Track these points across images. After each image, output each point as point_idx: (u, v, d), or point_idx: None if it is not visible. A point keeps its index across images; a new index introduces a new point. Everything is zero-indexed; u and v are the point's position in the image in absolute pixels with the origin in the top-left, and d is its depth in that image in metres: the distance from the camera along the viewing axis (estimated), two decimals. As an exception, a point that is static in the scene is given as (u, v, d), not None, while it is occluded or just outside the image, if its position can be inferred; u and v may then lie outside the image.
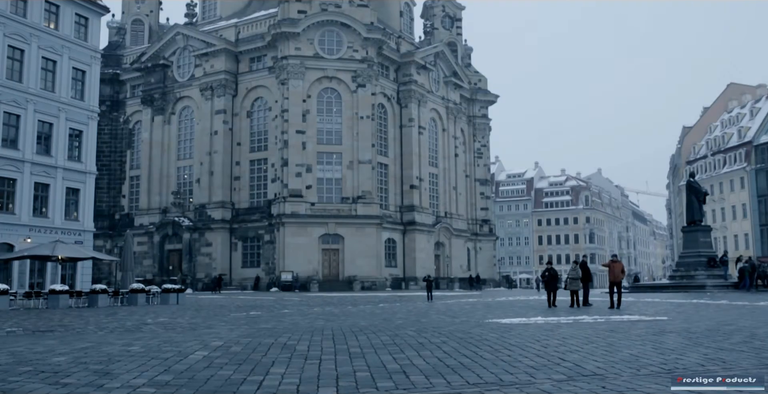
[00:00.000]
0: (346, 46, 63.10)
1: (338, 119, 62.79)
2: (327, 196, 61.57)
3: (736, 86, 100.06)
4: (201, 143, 67.10)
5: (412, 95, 68.92)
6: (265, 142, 65.87)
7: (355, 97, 62.65)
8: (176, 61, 70.32)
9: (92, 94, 44.29)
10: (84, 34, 43.96)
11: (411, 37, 77.21)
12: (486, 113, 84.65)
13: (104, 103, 68.17)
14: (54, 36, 41.51)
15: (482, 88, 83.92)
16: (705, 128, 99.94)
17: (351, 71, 62.81)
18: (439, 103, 74.43)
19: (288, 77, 61.28)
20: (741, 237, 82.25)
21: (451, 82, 76.29)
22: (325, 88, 62.95)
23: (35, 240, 37.54)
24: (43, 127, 40.74)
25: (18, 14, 39.65)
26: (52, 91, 41.26)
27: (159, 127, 70.51)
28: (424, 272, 62.23)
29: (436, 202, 73.31)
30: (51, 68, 41.45)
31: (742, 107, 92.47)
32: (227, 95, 66.49)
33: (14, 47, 39.27)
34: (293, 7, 62.62)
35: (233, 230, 65.12)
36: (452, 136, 76.81)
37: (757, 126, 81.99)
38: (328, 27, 62.89)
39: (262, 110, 66.67)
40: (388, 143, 68.04)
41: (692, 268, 41.53)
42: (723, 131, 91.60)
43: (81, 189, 43.07)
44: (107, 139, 72.65)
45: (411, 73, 69.30)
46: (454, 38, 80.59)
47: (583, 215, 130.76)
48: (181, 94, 69.77)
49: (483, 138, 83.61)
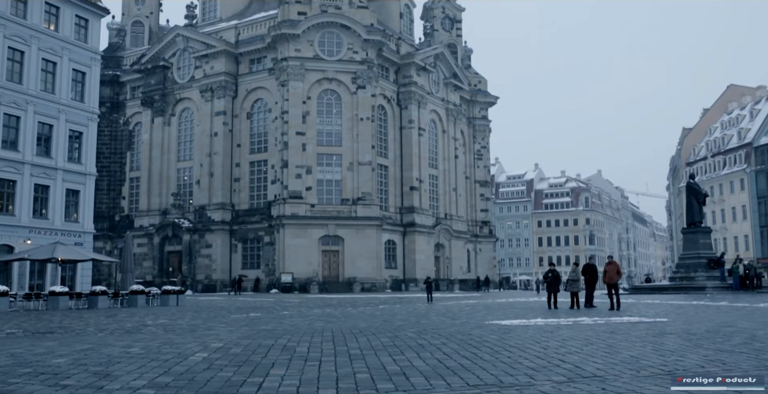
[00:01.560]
0: (346, 47, 63.12)
1: (338, 121, 62.81)
2: (327, 197, 61.58)
3: (735, 88, 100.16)
4: (201, 145, 67.12)
5: (412, 97, 68.94)
6: (265, 143, 65.88)
7: (355, 99, 62.67)
8: (176, 62, 70.35)
9: (92, 95, 44.32)
10: (84, 36, 43.99)
11: (411, 39, 77.24)
12: (486, 115, 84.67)
13: (104, 104, 68.20)
14: (54, 37, 41.53)
15: (482, 89, 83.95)
16: (705, 130, 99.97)
17: (351, 73, 62.84)
18: (439, 105, 74.45)
19: (288, 79, 61.30)
20: (741, 239, 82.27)
21: (451, 84, 76.32)
22: (325, 90, 62.98)
23: (35, 241, 37.55)
24: (43, 128, 40.77)
25: (18, 16, 39.67)
26: (52, 93, 41.29)
27: (159, 129, 70.53)
28: (424, 273, 62.20)
29: (436, 203, 73.31)
30: (51, 70, 41.47)
31: (741, 109, 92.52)
32: (227, 97, 66.51)
33: (14, 49, 39.29)
34: (293, 8, 62.66)
35: (233, 232, 65.12)
36: (452, 137, 76.83)
37: (757, 127, 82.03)
38: (328, 28, 62.91)
39: (262, 112, 66.69)
40: (388, 145, 68.06)
41: (692, 269, 41.52)
42: (723, 133, 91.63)
43: (81, 191, 43.09)
44: (107, 140, 72.67)
45: (411, 75, 69.33)
46: (453, 40, 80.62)
47: (583, 217, 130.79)
48: (181, 96, 69.80)
49: (483, 139, 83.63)
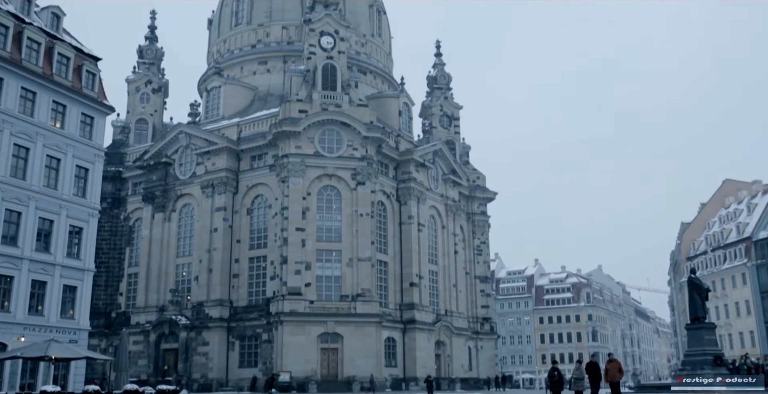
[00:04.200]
0: (346, 144, 64.15)
1: (338, 216, 63.05)
2: (326, 293, 60.99)
3: (731, 182, 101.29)
4: (200, 240, 67.07)
5: (411, 193, 69.51)
6: (264, 239, 65.87)
7: (355, 195, 63.14)
8: (178, 158, 71.26)
9: (94, 191, 44.65)
10: (89, 133, 44.77)
11: (410, 136, 78.62)
12: (485, 210, 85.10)
13: (105, 200, 68.58)
14: (59, 135, 42.24)
15: (481, 185, 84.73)
16: (703, 224, 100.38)
17: (351, 169, 63.60)
18: (439, 201, 74.96)
19: (288, 175, 61.97)
20: (746, 334, 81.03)
21: (449, 180, 77.11)
22: (325, 186, 63.54)
23: (29, 339, 36.87)
24: (44, 224, 40.81)
25: (26, 114, 40.48)
26: (55, 189, 41.60)
27: (159, 225, 70.65)
28: (424, 371, 60.81)
29: (436, 300, 72.57)
30: (55, 166, 41.94)
31: (739, 203, 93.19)
32: (228, 193, 67.02)
33: (20, 145, 39.86)
34: (294, 106, 64.07)
35: (231, 329, 64.09)
36: (452, 233, 76.92)
37: (755, 221, 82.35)
38: (329, 126, 64.12)
39: (262, 208, 67.03)
40: (387, 240, 68.04)
41: (698, 367, 40.52)
42: (722, 227, 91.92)
43: (78, 287, 42.69)
44: (107, 236, 72.63)
45: (410, 171, 70.14)
46: (452, 137, 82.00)
47: (585, 313, 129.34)
48: (182, 192, 70.32)
49: (482, 235, 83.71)
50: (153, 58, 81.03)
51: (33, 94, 41.10)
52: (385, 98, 78.83)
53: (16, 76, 40.05)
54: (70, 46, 44.84)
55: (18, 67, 40.07)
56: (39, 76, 41.37)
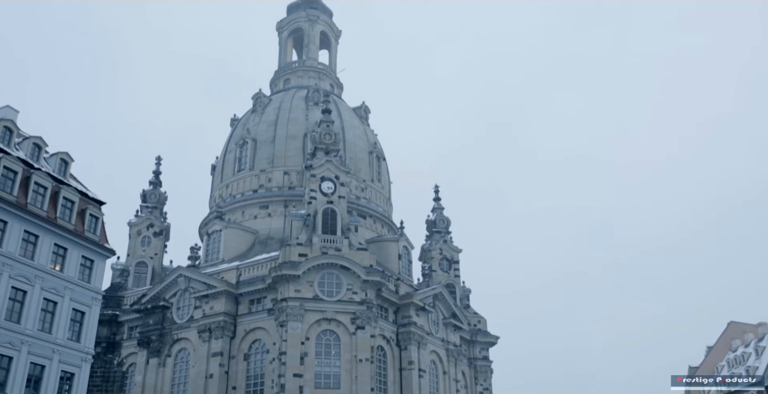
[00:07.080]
0: (346, 287, 63.81)
1: (337, 362, 61.55)
2: (324, 444, 58.45)
3: (737, 325, 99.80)
4: (195, 387, 64.95)
5: (411, 337, 68.26)
6: (261, 385, 63.86)
7: (354, 340, 62.01)
8: (176, 302, 70.56)
9: (89, 335, 43.96)
10: (88, 276, 44.71)
11: (410, 279, 78.32)
12: (487, 355, 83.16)
13: (100, 344, 67.08)
14: (58, 278, 42.19)
15: (482, 329, 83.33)
16: (712, 368, 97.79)
17: (350, 313, 62.86)
18: (439, 345, 73.47)
19: (287, 319, 61.17)
20: None
21: (450, 324, 75.98)
22: (324, 330, 62.55)
23: None
24: (35, 369, 39.81)
25: (26, 256, 40.60)
26: (49, 333, 40.95)
27: (153, 370, 68.74)
28: None
29: (438, 450, 69.38)
30: (51, 309, 41.53)
31: (746, 346, 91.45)
32: (225, 337, 65.79)
33: (17, 289, 39.69)
34: (294, 250, 64.31)
35: None
36: (453, 379, 74.74)
37: (764, 366, 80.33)
38: (328, 269, 64.07)
39: (260, 353, 65.55)
40: (387, 387, 65.93)
41: None
42: (731, 371, 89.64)
43: (65, 437, 41.00)
44: (99, 382, 70.36)
45: (410, 315, 69.23)
46: (452, 280, 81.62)
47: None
48: (179, 336, 69.02)
49: (485, 381, 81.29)
50: (156, 202, 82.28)
51: (35, 237, 41.45)
52: (384, 242, 79.30)
53: (21, 219, 40.58)
54: (76, 191, 45.73)
55: (23, 210, 40.70)
56: (43, 220, 41.91)
